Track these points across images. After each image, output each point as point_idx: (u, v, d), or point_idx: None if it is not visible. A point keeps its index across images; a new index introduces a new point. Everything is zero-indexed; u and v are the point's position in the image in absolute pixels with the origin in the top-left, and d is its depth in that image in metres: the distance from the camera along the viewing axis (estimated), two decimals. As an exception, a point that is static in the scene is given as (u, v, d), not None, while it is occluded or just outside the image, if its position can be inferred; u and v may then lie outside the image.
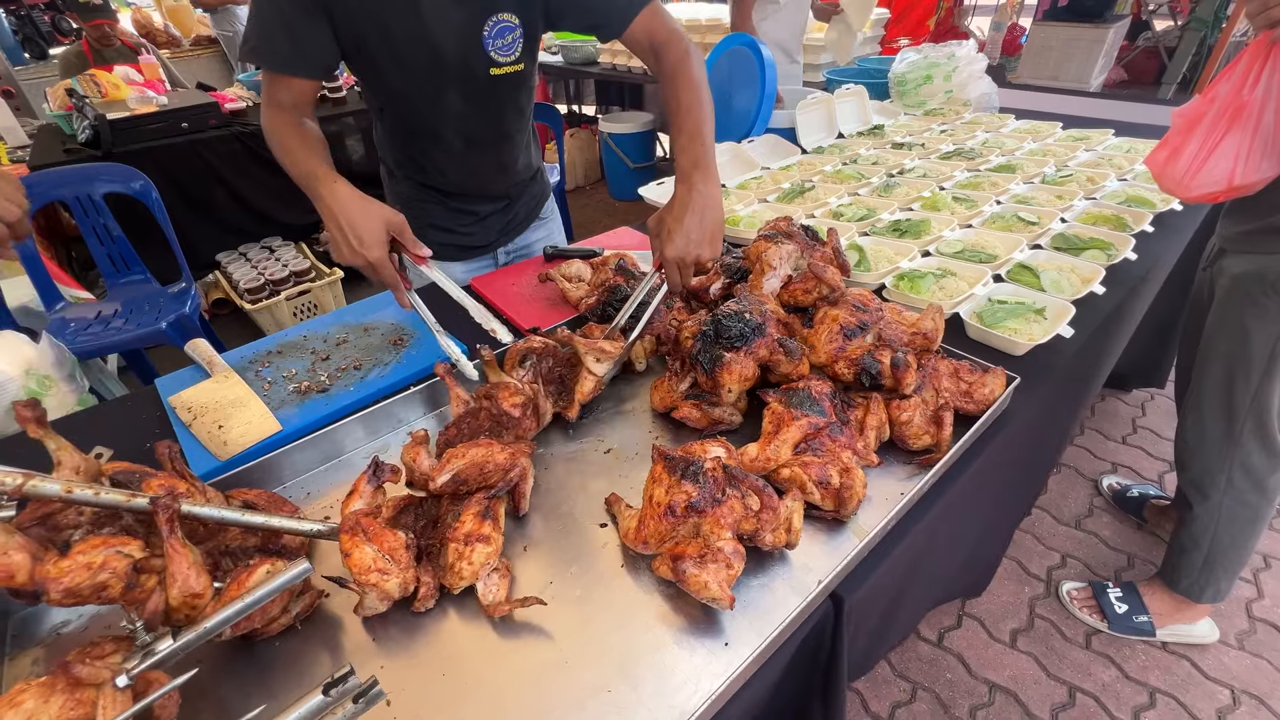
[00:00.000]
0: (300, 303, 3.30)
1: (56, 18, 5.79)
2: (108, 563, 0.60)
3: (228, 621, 0.66)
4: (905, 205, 1.70)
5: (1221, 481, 1.46)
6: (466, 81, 1.24)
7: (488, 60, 1.21)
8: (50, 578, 0.58)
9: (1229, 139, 1.02)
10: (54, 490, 0.63)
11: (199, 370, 1.21)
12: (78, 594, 0.59)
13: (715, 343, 0.98)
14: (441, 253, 1.54)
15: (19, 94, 4.34)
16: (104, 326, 2.45)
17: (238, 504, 0.79)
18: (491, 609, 0.74)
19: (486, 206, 1.53)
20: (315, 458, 1.00)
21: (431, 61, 1.19)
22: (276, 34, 1.11)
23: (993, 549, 1.43)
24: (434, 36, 1.15)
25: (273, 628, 0.74)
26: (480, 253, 1.59)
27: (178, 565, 0.63)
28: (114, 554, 0.61)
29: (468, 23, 1.16)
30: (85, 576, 0.59)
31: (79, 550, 0.60)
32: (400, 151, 1.43)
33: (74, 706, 0.53)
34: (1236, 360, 1.35)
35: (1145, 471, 2.32)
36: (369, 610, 0.74)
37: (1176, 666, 1.71)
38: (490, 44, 1.19)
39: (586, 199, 5.28)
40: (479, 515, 0.79)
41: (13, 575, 0.58)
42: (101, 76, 3.29)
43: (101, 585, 0.60)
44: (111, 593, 0.61)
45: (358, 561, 0.71)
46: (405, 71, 1.21)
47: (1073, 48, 3.74)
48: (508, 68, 1.24)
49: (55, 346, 1.57)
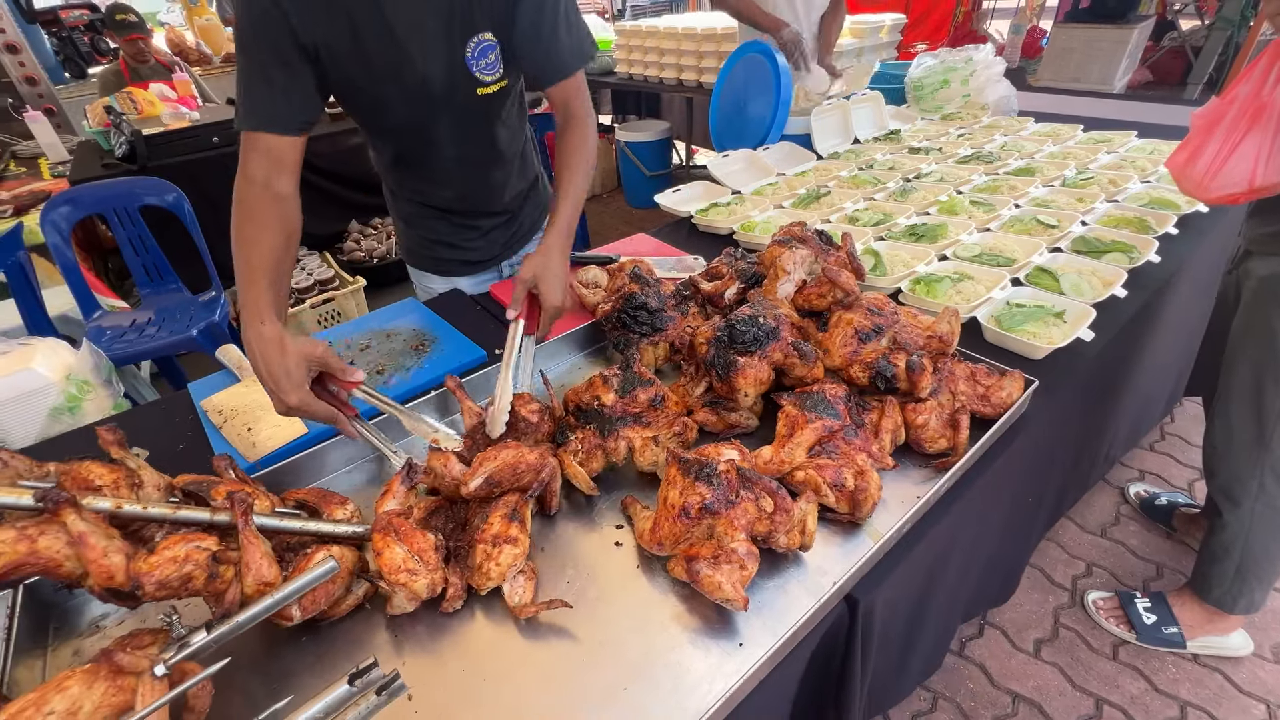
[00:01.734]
0: (324, 310, 3.38)
1: (95, 39, 6.02)
2: (190, 556, 0.66)
3: (258, 616, 0.68)
4: (922, 210, 1.69)
5: (1253, 487, 1.42)
6: (456, 106, 1.24)
7: (474, 81, 1.21)
8: (143, 573, 0.63)
9: (1249, 140, 1.01)
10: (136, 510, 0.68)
11: (229, 375, 1.25)
12: (168, 586, 0.64)
13: (729, 347, 0.99)
14: (447, 268, 1.58)
15: (60, 112, 4.50)
16: (138, 334, 2.53)
17: (291, 503, 0.83)
18: (518, 610, 0.76)
19: (488, 221, 1.54)
20: (339, 459, 1.03)
21: (421, 92, 1.19)
22: (255, 89, 1.05)
23: (1016, 557, 1.41)
24: (420, 68, 1.15)
25: (340, 609, 0.77)
26: (485, 267, 1.61)
27: (251, 555, 0.68)
28: (194, 548, 0.66)
29: (450, 48, 1.16)
30: (173, 569, 0.64)
31: (164, 547, 0.65)
32: (398, 176, 1.46)
33: (115, 693, 0.55)
34: (1265, 363, 1.32)
35: (1174, 479, 2.27)
36: (397, 609, 0.76)
37: (1209, 680, 1.66)
38: (474, 65, 1.19)
39: (603, 206, 5.33)
40: (506, 517, 0.81)
41: (112, 575, 0.62)
42: (137, 94, 3.42)
43: (187, 577, 0.66)
44: (196, 584, 0.66)
45: (388, 561, 0.74)
46: (396, 105, 1.21)
47: (1095, 49, 3.68)
48: (493, 86, 1.24)
49: (94, 353, 1.63)
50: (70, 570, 0.62)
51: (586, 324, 1.29)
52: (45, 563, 0.61)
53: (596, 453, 0.92)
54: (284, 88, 1.06)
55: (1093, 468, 1.65)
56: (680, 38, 4.09)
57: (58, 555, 0.61)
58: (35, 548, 0.60)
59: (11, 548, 0.58)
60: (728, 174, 2.09)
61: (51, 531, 0.61)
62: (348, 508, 0.84)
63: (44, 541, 0.60)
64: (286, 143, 1.07)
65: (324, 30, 1.06)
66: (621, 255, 1.57)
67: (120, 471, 0.72)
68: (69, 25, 5.83)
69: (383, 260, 3.89)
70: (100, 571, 0.62)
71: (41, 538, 0.60)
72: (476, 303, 1.53)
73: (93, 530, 0.62)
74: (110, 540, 0.63)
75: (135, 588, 0.63)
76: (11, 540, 0.59)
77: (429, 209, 1.49)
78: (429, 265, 1.60)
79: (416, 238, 1.55)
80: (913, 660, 1.11)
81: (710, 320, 1.11)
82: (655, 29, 4.26)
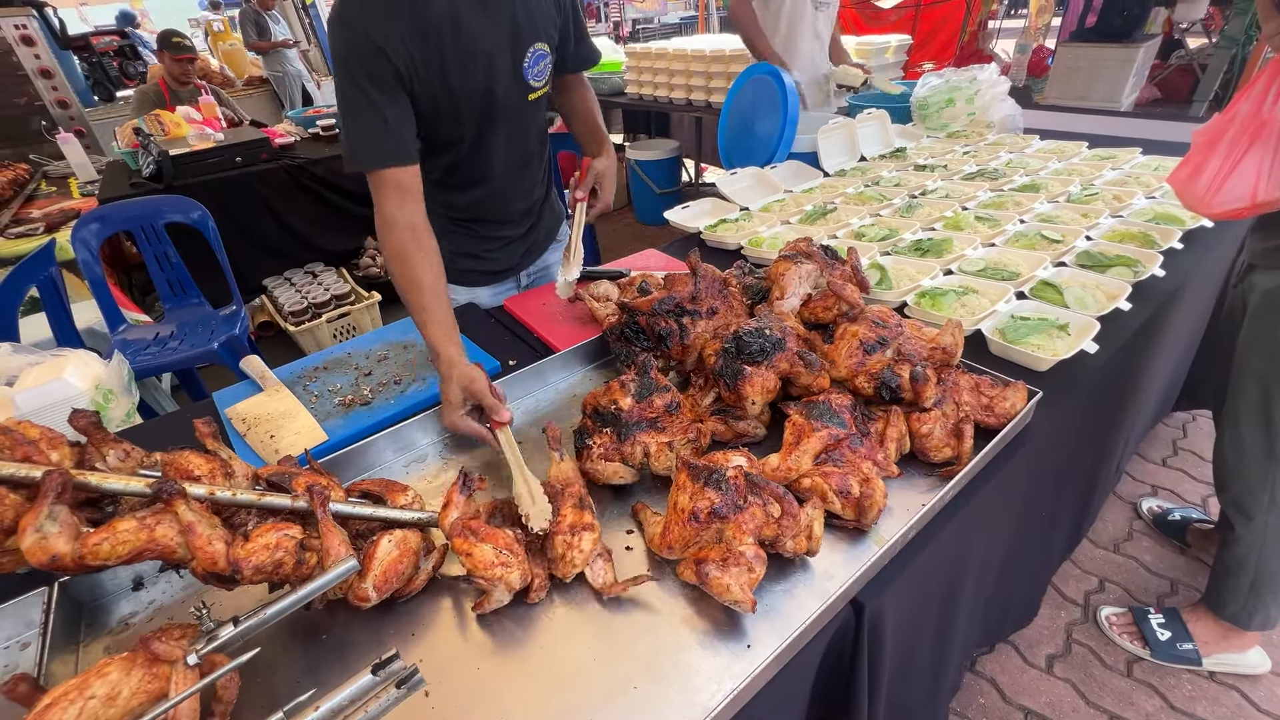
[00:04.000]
0: (340, 325, 3.45)
1: (124, 63, 6.24)
2: (280, 543, 0.72)
3: (281, 613, 0.71)
4: (927, 225, 1.72)
5: (1265, 500, 1.42)
6: (510, 112, 1.34)
7: (526, 87, 1.32)
8: (242, 558, 0.69)
9: (1250, 156, 1.03)
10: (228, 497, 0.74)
11: (252, 385, 1.30)
12: (262, 570, 0.70)
13: (737, 358, 1.02)
14: (469, 279, 1.63)
15: (89, 133, 4.67)
16: (161, 347, 2.60)
17: (357, 493, 0.89)
18: (605, 589, 0.80)
19: (510, 230, 1.60)
20: (360, 465, 1.06)
21: (488, 100, 1.28)
22: (371, 127, 1.13)
23: (1036, 577, 1.40)
24: (489, 79, 1.25)
25: (413, 586, 0.82)
26: (504, 276, 1.67)
27: (330, 541, 0.74)
28: (283, 536, 0.72)
29: (513, 58, 1.27)
30: (266, 555, 0.70)
31: (257, 535, 0.71)
32: (436, 186, 1.49)
33: (151, 680, 0.58)
34: (1271, 376, 1.33)
35: (1187, 495, 2.25)
36: (495, 604, 0.79)
37: (1225, 698, 1.64)
38: (529, 73, 1.30)
39: (614, 223, 5.40)
40: (578, 506, 0.85)
41: (215, 561, 0.68)
42: (165, 116, 3.54)
43: (279, 562, 0.71)
44: (285, 569, 0.72)
45: (480, 559, 0.77)
46: (466, 116, 1.28)
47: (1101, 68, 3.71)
48: (539, 91, 1.36)
49: (122, 364, 1.68)
50: (181, 556, 0.68)
51: (596, 337, 1.32)
52: (161, 549, 0.67)
53: (614, 456, 0.95)
54: (394, 119, 1.14)
55: (1103, 481, 1.65)
56: (689, 59, 4.18)
57: (171, 543, 0.67)
58: (154, 536, 0.66)
59: (135, 536, 0.65)
60: (736, 191, 2.13)
61: (166, 520, 0.67)
62: (408, 494, 0.89)
63: (160, 530, 0.66)
64: (409, 173, 1.16)
65: (413, 54, 1.14)
66: (632, 270, 1.60)
67: (215, 461, 0.77)
68: (99, 51, 6.05)
69: (397, 276, 3.96)
70: (205, 557, 0.68)
71: (158, 527, 0.66)
72: (491, 316, 1.57)
73: (199, 519, 0.68)
74: (214, 529, 0.69)
75: (235, 572, 0.69)
76: (134, 530, 0.65)
77: (456, 222, 1.54)
78: (452, 276, 1.63)
79: (442, 249, 1.61)
80: (930, 680, 1.11)
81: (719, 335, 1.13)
82: (665, 51, 4.35)
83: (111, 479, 0.68)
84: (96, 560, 0.63)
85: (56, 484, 0.61)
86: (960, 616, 1.09)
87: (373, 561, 0.76)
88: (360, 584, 0.75)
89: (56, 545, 0.60)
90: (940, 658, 1.10)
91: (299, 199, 3.69)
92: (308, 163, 3.66)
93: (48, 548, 0.60)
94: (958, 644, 1.14)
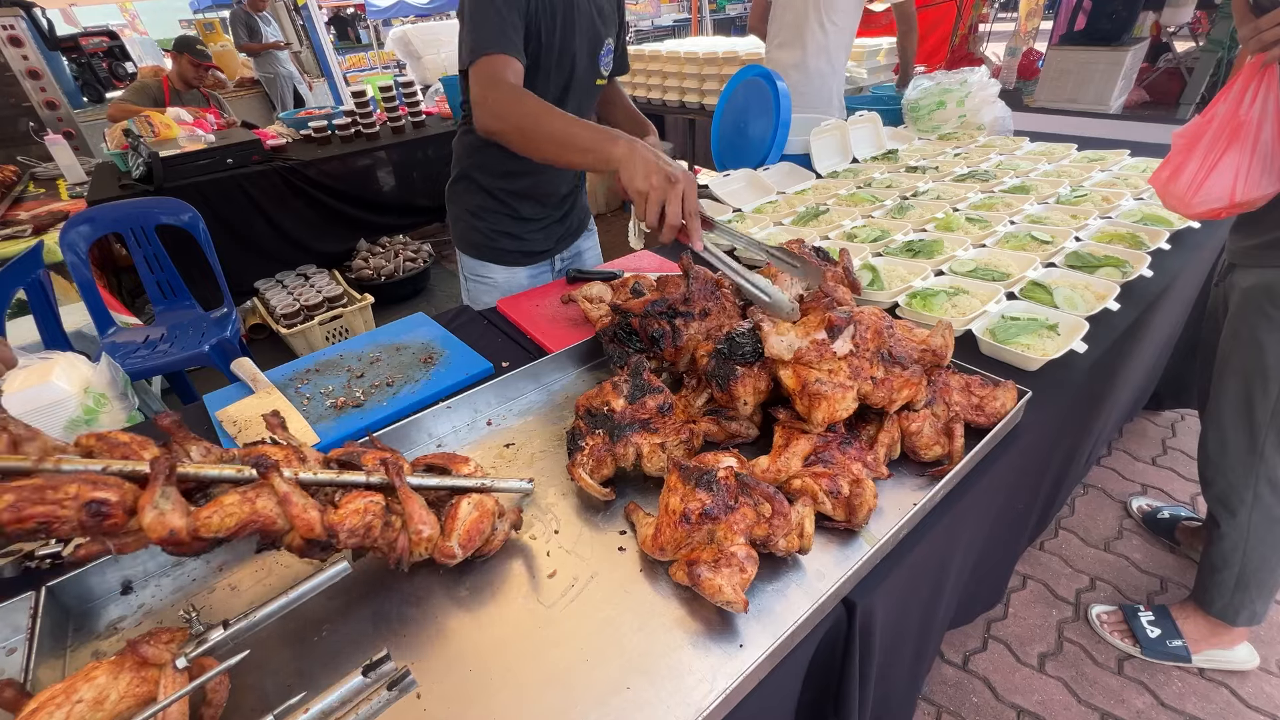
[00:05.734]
0: (332, 327, 3.43)
1: (114, 65, 6.19)
2: (368, 508, 0.77)
3: (271, 617, 0.71)
4: (919, 226, 1.73)
5: (1249, 497, 1.44)
6: (580, 88, 1.54)
7: (596, 73, 1.55)
8: (336, 523, 0.74)
9: (1228, 157, 1.05)
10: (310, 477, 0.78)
11: (243, 388, 1.29)
12: (355, 534, 0.76)
13: (729, 359, 1.02)
14: (508, 258, 1.74)
15: (78, 135, 4.63)
16: (151, 350, 2.58)
17: (421, 467, 0.93)
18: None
19: (550, 213, 1.74)
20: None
21: (572, 69, 1.48)
22: (507, 27, 1.31)
23: (1006, 561, 1.42)
24: (576, 46, 1.45)
25: (492, 545, 0.86)
26: (541, 258, 1.79)
27: (411, 507, 0.79)
28: (370, 501, 0.78)
29: (595, 41, 1.50)
30: (358, 519, 0.75)
31: (346, 502, 0.77)
32: (495, 163, 1.62)
33: (139, 684, 0.58)
34: (1253, 374, 1.34)
35: (1176, 493, 2.27)
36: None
37: (1215, 694, 1.66)
38: (602, 60, 1.56)
39: (609, 225, 5.41)
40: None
41: (312, 527, 0.73)
42: (155, 117, 3.51)
43: (369, 525, 0.77)
44: (374, 531, 0.78)
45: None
46: (553, 77, 1.47)
47: (1090, 71, 3.75)
48: (602, 79, 1.60)
49: (112, 367, 1.67)
50: (280, 527, 0.73)
51: (589, 338, 1.33)
52: (263, 520, 0.71)
53: (606, 458, 0.95)
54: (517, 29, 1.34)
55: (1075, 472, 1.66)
56: (682, 61, 4.19)
57: (271, 514, 0.72)
58: (256, 508, 0.70)
59: (239, 509, 0.70)
60: (729, 193, 2.14)
61: (265, 494, 0.72)
62: (470, 464, 0.92)
63: (261, 503, 0.71)
64: (519, 65, 1.33)
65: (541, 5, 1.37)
66: (625, 271, 1.61)
67: (289, 449, 0.80)
68: (89, 52, 6.00)
69: (390, 278, 3.95)
70: (303, 524, 0.72)
71: (259, 499, 0.71)
72: (484, 317, 1.57)
73: (293, 490, 0.73)
74: (307, 499, 0.74)
75: (330, 537, 0.74)
76: (239, 503, 0.70)
77: (500, 202, 1.67)
78: (492, 256, 1.75)
79: (485, 229, 1.72)
80: (911, 668, 1.12)
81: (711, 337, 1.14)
82: (658, 53, 4.37)
83: (207, 467, 0.73)
84: (208, 533, 0.68)
85: (164, 467, 0.67)
86: (941, 607, 1.10)
87: (455, 522, 0.82)
88: (445, 542, 0.81)
89: (173, 520, 0.66)
90: (921, 647, 1.11)
91: (291, 201, 3.67)
92: (300, 164, 3.64)
93: (165, 523, 0.66)
94: (936, 632, 1.15)
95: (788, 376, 0.96)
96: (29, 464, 0.64)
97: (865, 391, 0.96)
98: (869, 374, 0.97)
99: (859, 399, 0.96)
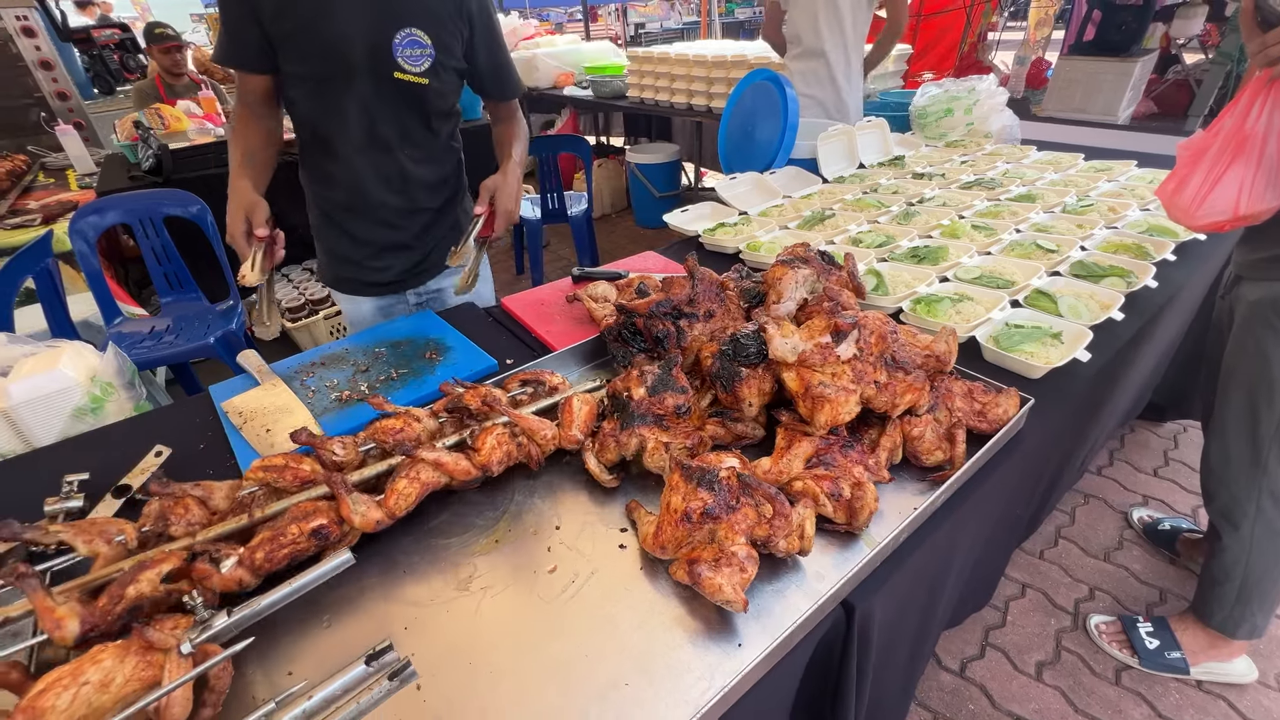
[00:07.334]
0: (336, 322, 3.44)
1: (125, 57, 6.22)
2: (500, 442, 0.95)
3: (275, 605, 0.72)
4: (924, 232, 1.74)
5: (1251, 510, 1.43)
6: (370, 79, 1.36)
7: (393, 64, 1.35)
8: (485, 461, 0.92)
9: (1233, 170, 1.05)
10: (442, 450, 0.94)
11: (249, 379, 1.30)
12: (503, 461, 0.94)
13: (734, 360, 1.03)
14: (349, 287, 1.63)
15: (89, 126, 4.65)
16: (156, 341, 2.59)
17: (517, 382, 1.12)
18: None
19: (384, 235, 1.56)
20: (355, 461, 1.06)
21: (340, 56, 1.32)
22: (224, 34, 1.33)
23: (998, 564, 1.43)
24: (344, 32, 1.30)
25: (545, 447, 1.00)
26: (387, 290, 1.64)
27: (527, 424, 0.97)
28: (499, 435, 0.95)
29: (377, 28, 1.32)
30: (500, 451, 0.94)
31: (480, 441, 0.94)
32: (305, 158, 1.54)
33: (145, 668, 0.58)
34: (1258, 386, 1.34)
35: (1178, 505, 2.27)
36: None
37: (1213, 707, 1.65)
38: (399, 51, 1.34)
39: (613, 226, 5.42)
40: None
41: (469, 472, 0.92)
42: (165, 110, 3.53)
43: (508, 451, 0.95)
44: (514, 453, 0.96)
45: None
46: (316, 63, 1.33)
47: (1099, 81, 3.75)
48: (412, 76, 1.38)
49: (119, 356, 1.68)
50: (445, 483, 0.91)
51: (593, 337, 1.33)
52: (432, 486, 0.90)
53: (610, 442, 0.96)
54: (243, 33, 1.30)
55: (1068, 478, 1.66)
56: (691, 64, 4.20)
57: (434, 478, 0.89)
58: (422, 480, 0.88)
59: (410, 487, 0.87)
60: (735, 196, 2.14)
61: (419, 466, 0.89)
62: (556, 376, 1.10)
63: (424, 474, 0.89)
64: (256, 78, 1.38)
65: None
66: (630, 272, 1.61)
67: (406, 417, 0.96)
68: (100, 44, 6.02)
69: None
70: (462, 472, 0.91)
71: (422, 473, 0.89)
72: (489, 315, 1.57)
73: (439, 452, 0.90)
74: (454, 455, 0.91)
75: (485, 471, 0.93)
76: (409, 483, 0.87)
77: (327, 218, 1.58)
78: (331, 281, 1.65)
79: (322, 251, 1.64)
80: (905, 671, 1.12)
81: (715, 339, 1.14)
82: (667, 55, 4.38)
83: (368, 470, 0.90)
84: (400, 511, 0.86)
85: (340, 481, 0.82)
86: (938, 611, 1.10)
87: (571, 414, 1.00)
88: (568, 432, 0.98)
89: (373, 514, 0.83)
90: (917, 650, 1.11)
91: (298, 194, 3.68)
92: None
93: (369, 518, 0.83)
94: (932, 635, 1.15)
95: (791, 379, 0.97)
96: (245, 522, 0.80)
97: (868, 395, 0.97)
98: (872, 378, 0.97)
99: (862, 403, 0.96)
